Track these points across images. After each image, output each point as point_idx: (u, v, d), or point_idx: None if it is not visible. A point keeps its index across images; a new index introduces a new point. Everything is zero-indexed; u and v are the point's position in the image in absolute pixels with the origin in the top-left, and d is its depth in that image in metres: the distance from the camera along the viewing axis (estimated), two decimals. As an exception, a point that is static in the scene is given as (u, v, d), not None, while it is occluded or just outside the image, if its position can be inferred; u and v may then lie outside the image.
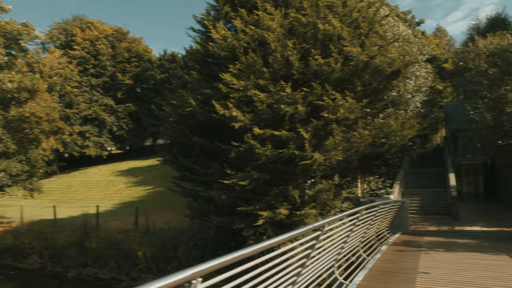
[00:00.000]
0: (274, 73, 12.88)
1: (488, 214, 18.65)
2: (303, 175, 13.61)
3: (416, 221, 17.38)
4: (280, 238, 3.11)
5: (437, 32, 60.92)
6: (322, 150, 12.42)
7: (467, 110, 15.85)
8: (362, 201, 14.87)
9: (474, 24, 28.86)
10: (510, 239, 12.07)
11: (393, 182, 20.27)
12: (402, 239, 11.77)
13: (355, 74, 13.47)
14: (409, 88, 17.13)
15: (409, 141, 15.16)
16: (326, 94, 12.36)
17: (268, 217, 12.38)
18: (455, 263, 7.73)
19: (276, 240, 3.05)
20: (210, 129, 13.83)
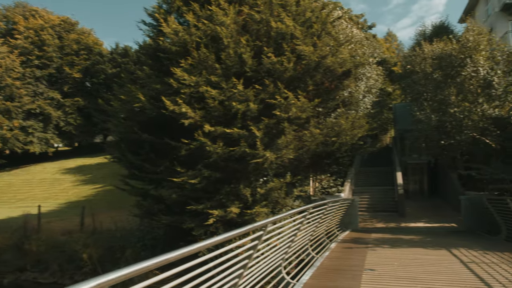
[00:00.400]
0: (226, 69, 12.70)
1: (431, 211, 19.50)
2: (255, 174, 13.53)
3: (366, 218, 17.84)
4: (216, 239, 2.94)
5: (387, 37, 63.28)
6: (274, 148, 12.41)
7: (413, 111, 16.45)
8: (313, 199, 15.04)
9: (420, 30, 30.17)
10: (450, 234, 12.63)
11: (344, 180, 20.71)
12: (351, 236, 11.98)
13: (307, 73, 13.57)
14: (360, 89, 17.54)
15: (360, 141, 15.52)
16: (278, 93, 12.35)
17: (219, 216, 12.18)
18: (400, 259, 7.92)
19: (210, 242, 2.87)
20: (160, 125, 13.42)
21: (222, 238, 3.08)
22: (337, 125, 13.29)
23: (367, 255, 8.31)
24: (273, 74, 12.99)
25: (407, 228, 14.82)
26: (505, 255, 8.04)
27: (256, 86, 12.46)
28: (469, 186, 17.43)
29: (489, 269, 6.84)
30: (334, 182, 19.55)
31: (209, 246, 2.99)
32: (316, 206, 7.36)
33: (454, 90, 14.46)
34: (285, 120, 12.02)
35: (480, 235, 12.23)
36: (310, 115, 13.23)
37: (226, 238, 3.15)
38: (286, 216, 5.13)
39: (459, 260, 7.65)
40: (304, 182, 16.19)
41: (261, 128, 12.03)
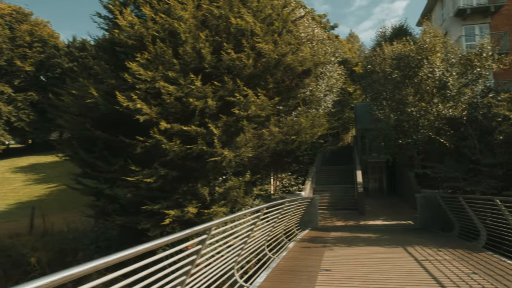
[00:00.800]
0: (184, 65, 12.34)
1: (390, 209, 19.90)
2: (214, 172, 13.23)
3: (326, 216, 17.94)
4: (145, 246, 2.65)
5: (350, 38, 64.46)
6: (233, 146, 12.17)
7: (373, 111, 16.69)
8: (273, 198, 14.93)
9: (381, 32, 30.82)
10: (406, 231, 12.85)
11: (305, 179, 20.78)
12: (310, 235, 11.93)
13: (267, 71, 13.42)
14: (321, 87, 17.61)
15: (320, 139, 15.57)
16: (238, 90, 12.12)
17: (175, 216, 11.80)
18: (356, 259, 7.88)
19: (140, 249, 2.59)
20: (115, 122, 12.86)
21: (155, 244, 2.79)
22: (297, 123, 13.21)
23: (324, 255, 8.23)
24: (233, 71, 12.75)
25: (366, 226, 14.99)
26: (457, 252, 8.18)
27: (215, 82, 12.18)
28: (425, 184, 17.89)
29: (441, 266, 6.90)
30: (295, 180, 19.57)
31: (143, 252, 2.71)
32: (271, 206, 7.17)
33: (411, 90, 14.77)
34: (244, 118, 11.80)
35: (434, 232, 12.52)
36: (270, 113, 13.09)
37: (160, 244, 2.86)
38: (235, 218, 4.90)
39: (414, 258, 7.70)
40: (265, 180, 16.06)
41: (219, 126, 11.76)
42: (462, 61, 14.74)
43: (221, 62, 12.57)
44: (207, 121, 11.89)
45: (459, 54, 15.41)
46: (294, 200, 10.20)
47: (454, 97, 14.16)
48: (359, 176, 21.25)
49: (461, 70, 14.75)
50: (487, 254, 7.94)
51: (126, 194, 12.38)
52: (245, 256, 6.28)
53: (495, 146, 12.24)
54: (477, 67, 14.12)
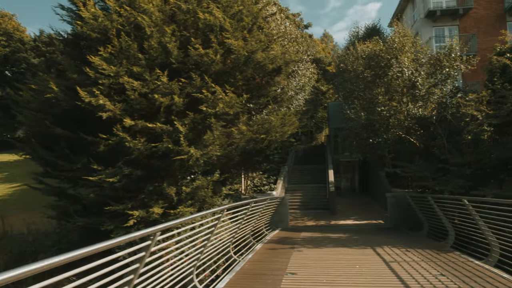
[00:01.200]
0: (150, 60, 11.89)
1: (361, 208, 19.94)
2: (181, 171, 12.83)
3: (298, 216, 17.80)
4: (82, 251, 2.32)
5: (323, 37, 64.93)
6: (200, 145, 11.81)
7: (344, 110, 16.65)
8: (243, 198, 14.64)
9: (354, 31, 30.99)
10: (376, 231, 12.81)
11: (277, 178, 20.59)
12: (280, 236, 11.71)
13: (236, 68, 13.11)
14: (293, 85, 17.44)
15: (293, 138, 15.40)
16: (206, 87, 11.78)
17: (140, 216, 11.36)
18: (324, 261, 7.68)
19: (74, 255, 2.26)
20: (77, 119, 12.27)
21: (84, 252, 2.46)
22: (267, 122, 12.96)
23: (292, 257, 8.00)
24: (201, 67, 12.40)
25: (337, 225, 14.90)
26: (426, 252, 8.10)
27: (182, 79, 11.80)
28: (396, 183, 17.97)
29: (409, 268, 6.77)
30: (267, 180, 19.35)
31: (85, 255, 2.38)
32: (232, 207, 6.88)
33: (382, 89, 14.77)
34: (212, 116, 11.46)
35: (404, 231, 12.52)
36: (240, 111, 12.80)
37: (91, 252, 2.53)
38: (187, 221, 4.57)
39: (382, 259, 7.56)
40: (235, 180, 15.76)
41: (186, 123, 11.39)
42: (432, 61, 14.85)
43: (189, 57, 12.21)
44: (173, 118, 11.50)
45: (428, 54, 15.53)
46: (262, 200, 9.95)
47: (423, 97, 14.24)
48: (331, 176, 21.22)
49: (430, 70, 14.86)
50: (455, 254, 7.89)
51: (89, 194, 11.86)
52: (205, 260, 5.96)
53: (463, 146, 12.34)
54: (446, 67, 14.24)
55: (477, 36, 25.62)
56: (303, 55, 18.37)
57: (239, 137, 12.56)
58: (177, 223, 4.22)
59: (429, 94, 14.26)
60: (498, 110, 11.27)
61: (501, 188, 10.32)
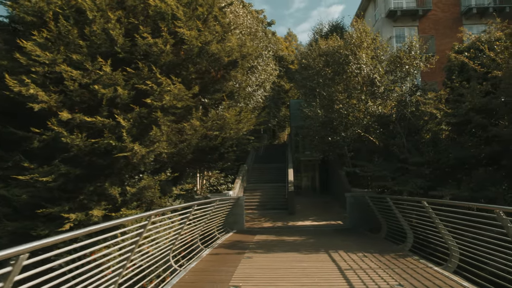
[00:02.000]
0: (93, 48, 10.83)
1: (321, 208, 19.51)
2: (128, 170, 11.83)
3: (255, 217, 17.13)
4: None
5: (287, 36, 64.73)
6: (147, 141, 10.88)
7: (303, 107, 16.13)
8: (196, 198, 13.80)
9: (318, 28, 30.70)
10: (334, 233, 12.31)
11: (235, 177, 19.85)
12: (232, 239, 10.96)
13: (189, 60, 12.25)
14: (252, 81, 16.74)
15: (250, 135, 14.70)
16: (153, 78, 10.86)
17: (78, 220, 10.28)
18: (273, 270, 6.98)
19: None
20: (7, 111, 11.03)
21: None
22: (221, 118, 12.19)
23: (239, 265, 7.26)
24: (150, 58, 11.47)
25: (294, 227, 14.32)
26: (383, 258, 7.58)
27: (128, 69, 10.81)
28: (356, 183, 17.67)
29: (366, 277, 6.19)
30: (225, 179, 18.55)
31: None
32: (162, 213, 6.04)
33: (341, 86, 14.35)
34: (158, 109, 10.54)
35: (363, 233, 12.09)
36: (192, 105, 11.95)
37: None
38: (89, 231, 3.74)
39: (338, 267, 6.94)
40: (188, 179, 14.90)
41: (130, 117, 10.43)
42: (392, 59, 14.57)
43: (137, 47, 11.25)
44: (115, 112, 10.50)
45: (388, 52, 15.26)
46: (208, 202, 9.15)
47: (382, 94, 13.92)
48: (290, 175, 20.71)
49: (390, 67, 14.57)
50: (413, 259, 7.41)
51: (21, 195, 10.65)
52: (130, 275, 5.08)
53: (423, 145, 12.07)
54: (406, 64, 13.98)
55: (435, 37, 25.94)
56: (263, 51, 17.70)
57: (191, 133, 11.72)
58: (79, 233, 3.39)
59: (389, 92, 13.95)
60: (456, 109, 11.03)
61: (459, 189, 10.05)
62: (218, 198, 9.84)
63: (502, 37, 11.38)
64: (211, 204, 9.10)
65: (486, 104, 10.08)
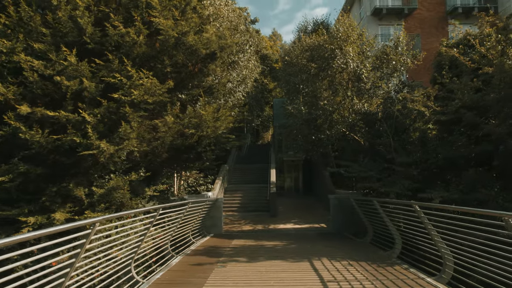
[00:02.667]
0: (58, 36, 9.99)
1: (303, 210, 18.87)
2: (96, 170, 10.97)
3: (235, 219, 16.40)
4: None
5: (272, 36, 64.17)
6: (117, 138, 10.05)
7: (286, 104, 15.46)
8: (172, 199, 12.99)
9: (302, 25, 30.11)
10: (317, 237, 11.65)
11: (215, 178, 19.09)
12: (208, 244, 10.20)
13: (165, 52, 11.46)
14: (233, 77, 15.99)
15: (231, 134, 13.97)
16: (124, 71, 10.04)
17: (38, 223, 9.41)
18: (247, 282, 6.25)
19: None
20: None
21: None
22: (197, 115, 11.43)
23: (211, 276, 6.51)
24: (122, 49, 10.65)
25: (275, 230, 13.63)
26: (370, 267, 6.91)
27: (97, 60, 9.97)
28: (340, 184, 17.08)
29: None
30: (204, 179, 17.77)
31: None
32: (109, 219, 5.26)
33: (325, 82, 13.72)
34: (127, 104, 9.72)
35: (347, 237, 11.47)
36: (166, 101, 11.14)
37: None
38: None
39: (320, 278, 6.24)
40: (162, 179, 14.10)
41: (97, 112, 9.59)
42: (378, 54, 14.01)
43: (108, 37, 10.42)
44: (80, 107, 9.64)
45: (375, 47, 14.71)
46: (180, 204, 8.38)
47: (369, 91, 13.33)
48: (272, 175, 20.04)
49: (376, 64, 14.00)
50: (402, 268, 6.76)
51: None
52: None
53: (411, 145, 11.53)
54: (393, 60, 13.43)
55: (421, 36, 25.63)
56: (245, 45, 16.96)
57: (165, 131, 10.93)
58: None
59: (375, 88, 13.37)
60: (446, 107, 10.49)
61: (449, 191, 9.50)
62: (191, 200, 9.06)
63: (492, 33, 10.91)
64: (182, 207, 8.33)
65: (477, 101, 9.57)
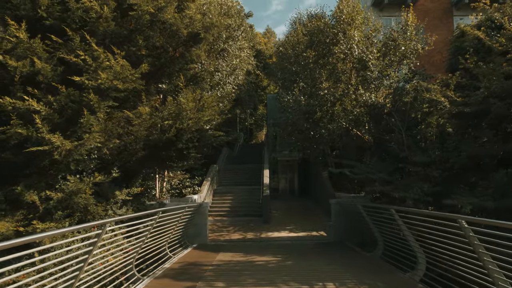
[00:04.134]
0: (5, 9, 8.28)
1: (300, 215, 17.22)
2: (59, 170, 9.24)
3: (223, 225, 14.71)
4: None
5: (266, 33, 62.51)
6: (79, 131, 8.35)
7: (281, 97, 13.79)
8: (148, 205, 11.27)
9: (296, 17, 28.45)
10: (316, 249, 10.01)
11: (203, 179, 17.41)
12: (187, 261, 8.50)
13: (139, 31, 9.75)
14: (222, 67, 14.29)
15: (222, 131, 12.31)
16: (89, 50, 8.34)
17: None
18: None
19: None
20: None
21: None
22: (176, 103, 9.74)
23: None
24: (87, 27, 8.94)
25: (268, 240, 11.95)
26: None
27: (54, 37, 8.26)
28: (339, 185, 15.46)
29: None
30: (191, 181, 16.08)
31: None
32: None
33: (325, 72, 12.07)
34: (92, 90, 8.02)
35: (351, 250, 9.81)
36: (141, 88, 9.45)
37: None
38: None
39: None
40: (153, 181, 12.44)
41: (53, 100, 7.87)
42: (385, 40, 12.41)
43: (70, 12, 8.72)
44: (37, 93, 7.94)
45: (381, 32, 13.08)
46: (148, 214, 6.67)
47: (375, 80, 11.68)
48: (266, 176, 18.38)
49: (383, 51, 12.39)
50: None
51: None
52: None
53: (424, 141, 9.91)
54: (401, 45, 11.83)
55: (424, 29, 24.07)
56: (236, 32, 15.27)
57: (138, 123, 9.24)
58: None
59: (382, 77, 11.74)
60: (469, 97, 8.87)
61: (476, 196, 7.88)
62: (162, 209, 7.30)
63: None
64: (150, 218, 6.63)
65: (509, 89, 7.97)
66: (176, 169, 13.41)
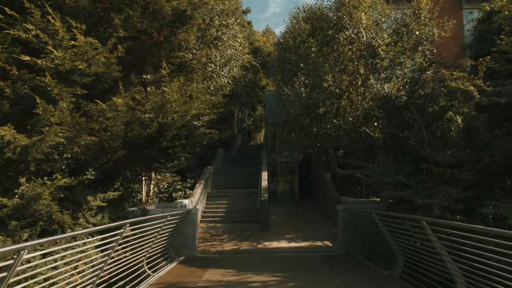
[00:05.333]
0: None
1: (301, 220, 15.80)
2: (19, 170, 7.85)
3: (217, 233, 13.30)
4: None
5: (265, 32, 61.23)
6: (39, 125, 6.97)
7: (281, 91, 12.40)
8: (131, 211, 9.85)
9: (294, 13, 27.14)
10: (323, 263, 8.60)
11: (195, 182, 16.01)
12: (168, 281, 7.09)
13: (115, 9, 8.37)
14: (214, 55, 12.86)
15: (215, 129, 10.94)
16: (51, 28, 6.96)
17: None
18: None
19: None
20: None
21: None
22: (159, 94, 8.35)
23: None
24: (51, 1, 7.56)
25: (266, 251, 10.50)
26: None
27: (7, 10, 6.87)
28: (343, 189, 14.09)
29: None
30: (183, 184, 14.68)
31: None
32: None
33: (330, 59, 10.69)
34: (48, 73, 6.62)
35: (363, 265, 8.39)
36: (117, 76, 8.07)
37: None
38: None
39: None
40: (140, 184, 11.04)
41: (3, 86, 6.48)
42: (395, 27, 11.05)
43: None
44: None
45: (391, 18, 11.70)
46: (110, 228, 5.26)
47: (386, 69, 10.28)
48: (264, 179, 16.99)
49: (393, 38, 11.02)
50: None
51: None
52: None
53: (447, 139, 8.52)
54: (415, 30, 10.47)
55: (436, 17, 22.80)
56: (231, 19, 13.87)
57: (113, 116, 7.85)
58: None
59: (395, 66, 10.35)
60: (503, 86, 7.50)
61: (517, 202, 6.51)
62: (129, 221, 5.84)
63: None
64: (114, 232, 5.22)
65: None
66: (163, 171, 12.01)
